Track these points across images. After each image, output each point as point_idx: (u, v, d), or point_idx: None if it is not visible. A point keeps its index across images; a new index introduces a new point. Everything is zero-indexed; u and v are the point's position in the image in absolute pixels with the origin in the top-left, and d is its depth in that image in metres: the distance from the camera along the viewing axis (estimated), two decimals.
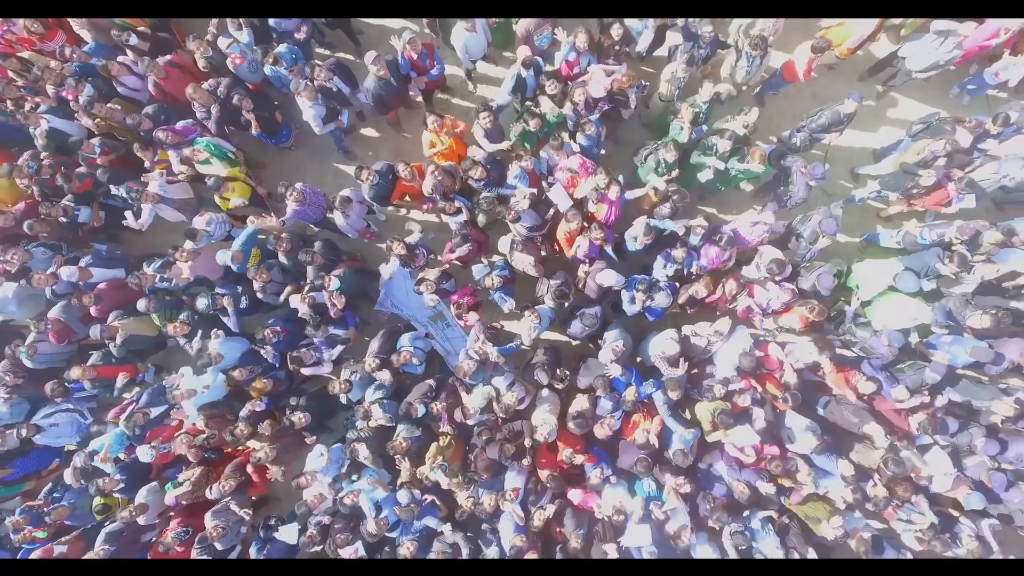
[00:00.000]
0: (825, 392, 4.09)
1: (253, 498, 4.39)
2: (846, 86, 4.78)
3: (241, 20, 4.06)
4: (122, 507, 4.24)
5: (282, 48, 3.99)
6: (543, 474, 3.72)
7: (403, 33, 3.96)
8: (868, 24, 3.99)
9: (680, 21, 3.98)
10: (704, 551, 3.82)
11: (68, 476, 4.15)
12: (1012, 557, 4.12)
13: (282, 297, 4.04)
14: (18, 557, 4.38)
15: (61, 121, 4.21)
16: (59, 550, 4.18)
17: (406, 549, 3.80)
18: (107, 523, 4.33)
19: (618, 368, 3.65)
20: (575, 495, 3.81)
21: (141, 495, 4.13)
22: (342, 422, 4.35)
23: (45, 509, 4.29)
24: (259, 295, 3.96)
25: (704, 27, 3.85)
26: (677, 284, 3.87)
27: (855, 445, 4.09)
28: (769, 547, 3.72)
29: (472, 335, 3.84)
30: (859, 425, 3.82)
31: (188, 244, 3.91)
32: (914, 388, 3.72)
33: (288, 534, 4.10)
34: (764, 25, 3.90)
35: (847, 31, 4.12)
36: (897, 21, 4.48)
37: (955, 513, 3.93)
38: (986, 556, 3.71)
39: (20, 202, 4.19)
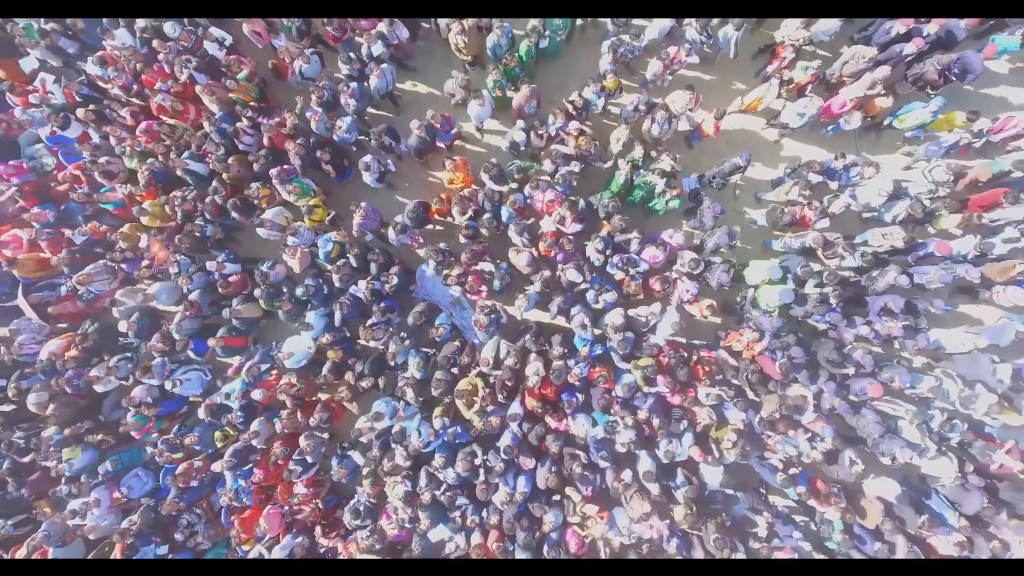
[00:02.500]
0: None
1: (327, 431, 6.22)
2: (754, 132, 6.63)
3: (314, 97, 5.86)
4: (238, 436, 6.08)
5: (346, 121, 5.83)
6: (531, 403, 5.55)
7: (428, 112, 5.81)
8: (770, 95, 5.80)
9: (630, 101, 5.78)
10: (644, 459, 5.60)
11: (201, 412, 5.99)
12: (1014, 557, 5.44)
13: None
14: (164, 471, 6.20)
15: (197, 164, 6.06)
16: (197, 464, 6.05)
17: (437, 462, 5.62)
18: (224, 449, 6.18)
19: (584, 332, 5.49)
20: (553, 421, 5.63)
21: (254, 425, 5.97)
22: (393, 377, 6.10)
23: (178, 441, 6.15)
24: (336, 284, 5.79)
25: (642, 103, 5.69)
26: (621, 283, 5.67)
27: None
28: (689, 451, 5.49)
29: (479, 304, 5.68)
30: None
31: (291, 240, 5.73)
32: (781, 346, 5.52)
33: (357, 457, 5.95)
34: (682, 102, 5.70)
35: (757, 97, 5.94)
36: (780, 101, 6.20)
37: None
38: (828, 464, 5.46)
39: (169, 222, 6.05)
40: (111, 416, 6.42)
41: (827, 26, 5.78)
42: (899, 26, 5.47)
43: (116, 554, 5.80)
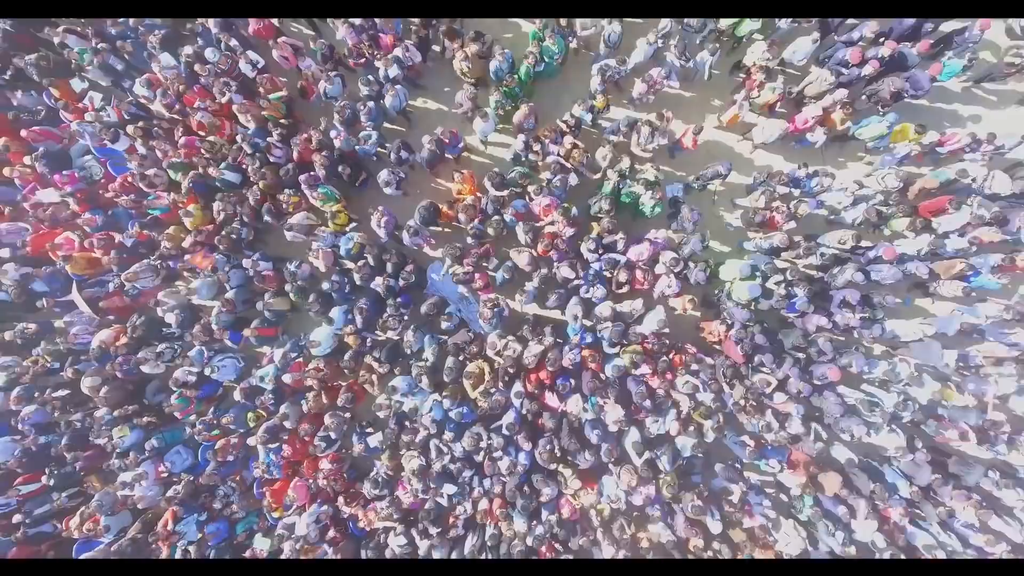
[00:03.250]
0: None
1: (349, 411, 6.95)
2: (732, 144, 7.36)
3: (337, 116, 6.60)
4: (270, 415, 6.83)
5: (372, 135, 6.58)
6: (530, 386, 6.28)
7: (437, 128, 6.57)
8: (743, 112, 6.54)
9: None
10: (633, 434, 6.33)
11: (237, 394, 6.73)
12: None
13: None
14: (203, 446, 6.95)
15: (232, 174, 6.81)
16: (233, 440, 6.80)
17: (447, 436, 6.36)
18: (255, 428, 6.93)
19: (576, 322, 6.23)
20: (551, 400, 6.36)
21: (283, 407, 6.71)
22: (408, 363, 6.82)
23: (215, 420, 6.91)
24: (357, 282, 6.53)
25: (624, 124, 6.43)
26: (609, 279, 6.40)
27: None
28: (671, 426, 6.22)
29: (484, 298, 6.42)
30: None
31: (315, 244, 6.49)
32: (746, 335, 6.23)
33: (375, 438, 6.69)
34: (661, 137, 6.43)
35: (733, 114, 6.67)
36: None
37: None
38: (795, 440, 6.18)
39: (207, 225, 6.81)
40: (154, 400, 7.17)
41: (801, 49, 6.54)
42: (851, 57, 6.17)
43: (166, 519, 6.55)
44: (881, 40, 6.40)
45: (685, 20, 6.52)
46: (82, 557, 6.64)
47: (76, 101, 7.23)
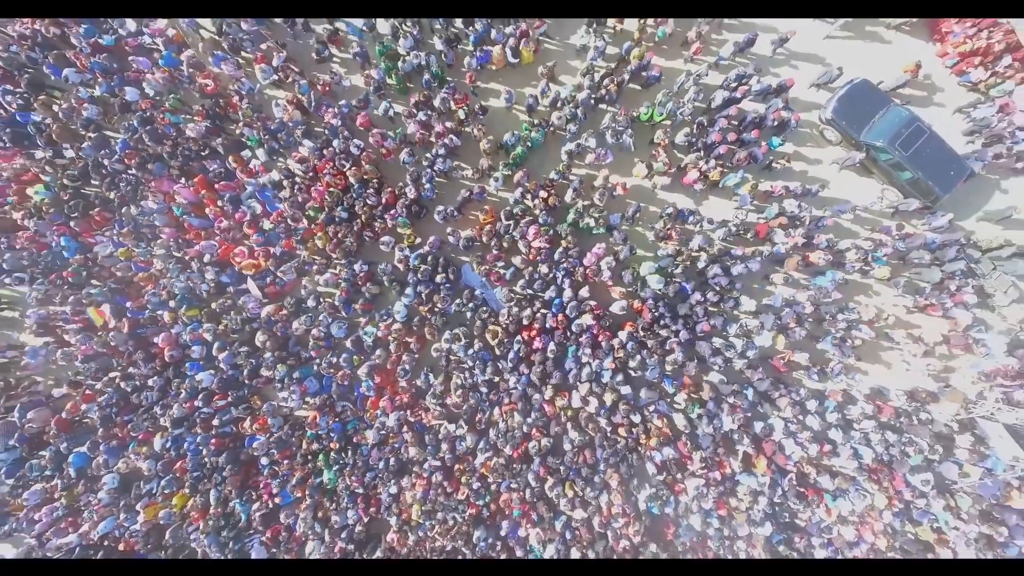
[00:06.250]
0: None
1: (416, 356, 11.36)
2: (647, 189, 11.73)
3: (409, 176, 11.06)
4: (366, 358, 11.27)
5: (428, 186, 11.06)
6: (525, 335, 10.70)
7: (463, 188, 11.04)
8: (655, 168, 10.95)
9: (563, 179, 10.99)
10: (587, 368, 10.69)
11: (349, 343, 11.19)
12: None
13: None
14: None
15: (343, 212, 11.28)
16: (348, 372, 11.25)
17: (478, 367, 10.78)
18: (358, 366, 11.37)
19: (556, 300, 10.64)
20: (538, 344, 10.75)
21: (378, 351, 11.15)
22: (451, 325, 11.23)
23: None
24: (420, 275, 10.96)
25: (576, 185, 10.84)
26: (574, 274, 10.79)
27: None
28: (607, 363, 10.59)
29: (499, 287, 10.87)
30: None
31: (398, 253, 10.98)
32: (652, 307, 10.60)
33: (432, 376, 11.16)
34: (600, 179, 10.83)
35: (646, 173, 11.05)
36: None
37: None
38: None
39: (331, 242, 11.33)
40: (293, 350, 11.63)
41: (681, 135, 10.90)
42: (714, 138, 10.52)
43: (313, 416, 11.04)
44: (733, 128, 10.74)
45: (615, 118, 10.88)
46: (250, 447, 11.15)
47: (243, 165, 11.75)
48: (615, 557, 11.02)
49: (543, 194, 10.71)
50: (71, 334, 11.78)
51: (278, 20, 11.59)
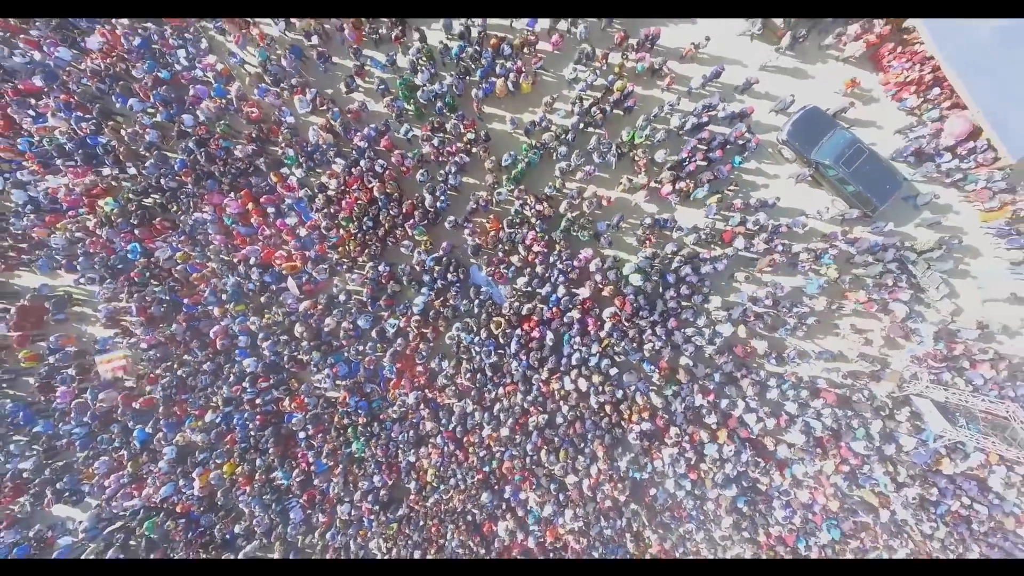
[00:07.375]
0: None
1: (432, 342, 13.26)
2: (629, 200, 13.61)
3: (426, 189, 12.97)
4: (388, 347, 13.18)
5: (442, 198, 12.97)
6: (525, 326, 12.59)
7: (478, 193, 12.94)
8: (636, 183, 12.83)
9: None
10: (576, 355, 12.56)
11: (374, 334, 13.10)
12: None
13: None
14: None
15: (368, 221, 13.21)
16: (373, 357, 13.16)
17: (483, 354, 12.67)
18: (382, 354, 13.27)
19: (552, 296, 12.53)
20: (536, 333, 12.63)
21: (399, 340, 13.06)
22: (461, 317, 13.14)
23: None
24: (435, 275, 12.84)
25: (572, 196, 12.72)
26: (566, 272, 12.68)
27: None
28: (594, 348, 12.45)
29: (503, 285, 12.77)
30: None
31: (416, 257, 12.90)
32: (632, 301, 12.47)
33: (444, 363, 13.07)
34: (590, 191, 12.71)
35: (631, 186, 12.93)
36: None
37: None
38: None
39: (358, 247, 13.25)
40: (326, 339, 13.55)
41: (660, 153, 12.77)
42: (684, 155, 12.39)
43: (343, 396, 12.97)
44: (701, 150, 12.59)
45: (601, 140, 12.75)
46: (290, 425, 13.07)
47: (282, 180, 13.68)
48: (601, 515, 12.89)
49: (540, 206, 12.59)
50: (135, 326, 13.75)
51: (312, 55, 13.54)
